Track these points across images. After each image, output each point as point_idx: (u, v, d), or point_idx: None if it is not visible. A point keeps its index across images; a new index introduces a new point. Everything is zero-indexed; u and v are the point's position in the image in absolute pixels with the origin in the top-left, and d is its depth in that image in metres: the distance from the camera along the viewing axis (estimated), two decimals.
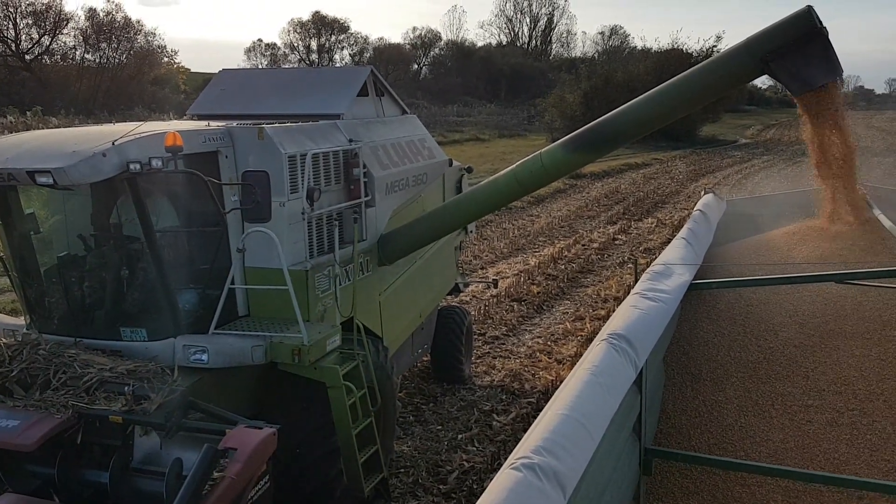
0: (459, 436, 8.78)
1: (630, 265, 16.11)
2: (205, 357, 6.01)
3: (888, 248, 7.66)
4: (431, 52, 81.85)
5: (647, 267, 6.90)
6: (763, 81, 79.72)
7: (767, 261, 8.24)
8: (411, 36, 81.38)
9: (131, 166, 5.56)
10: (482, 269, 16.72)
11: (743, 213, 11.12)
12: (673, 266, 6.58)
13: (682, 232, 8.32)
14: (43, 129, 11.04)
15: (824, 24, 6.46)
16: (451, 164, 9.95)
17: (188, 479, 4.74)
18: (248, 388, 6.48)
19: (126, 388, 5.35)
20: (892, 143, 50.99)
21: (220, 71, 9.09)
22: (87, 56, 51.56)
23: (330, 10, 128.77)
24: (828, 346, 6.72)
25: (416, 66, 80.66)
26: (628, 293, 6.15)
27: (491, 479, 3.21)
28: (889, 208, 9.42)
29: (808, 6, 6.47)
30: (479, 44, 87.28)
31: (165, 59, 55.97)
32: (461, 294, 11.63)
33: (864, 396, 6.09)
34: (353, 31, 77.79)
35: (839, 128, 6.91)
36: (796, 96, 6.95)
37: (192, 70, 59.36)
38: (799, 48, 6.48)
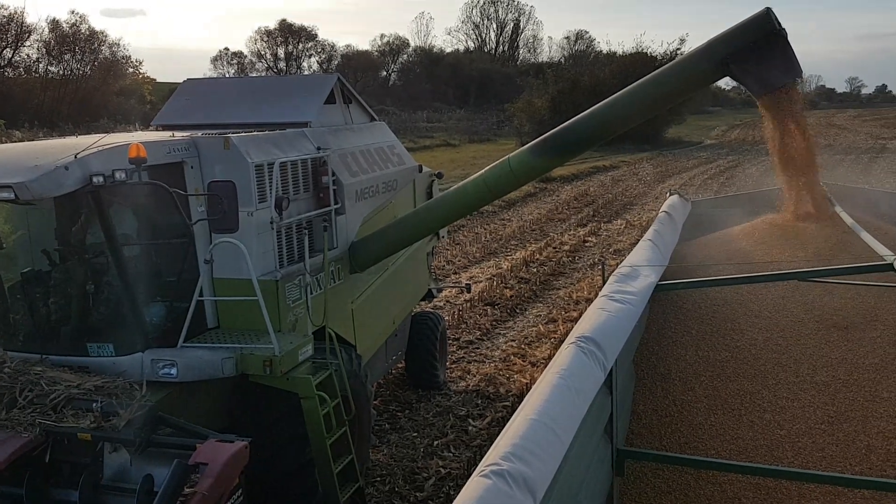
0: (435, 442, 8.77)
1: (601, 267, 16.24)
2: (174, 371, 5.94)
3: (850, 245, 7.81)
4: (400, 59, 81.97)
5: (615, 269, 6.96)
6: (727, 83, 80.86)
7: (732, 260, 8.35)
8: (379, 43, 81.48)
9: (94, 179, 5.49)
10: (455, 273, 16.74)
11: (707, 214, 11.27)
12: (639, 268, 6.64)
13: (648, 233, 8.40)
14: (6, 142, 10.86)
15: (783, 25, 6.58)
16: (421, 170, 9.95)
17: (159, 495, 4.69)
18: (219, 401, 6.42)
19: (94, 404, 5.27)
20: (853, 140, 52.22)
21: (184, 80, 9.01)
22: (50, 68, 50.90)
23: (296, 19, 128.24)
24: (793, 343, 6.83)
25: (385, 73, 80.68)
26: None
27: None
28: (850, 205, 9.61)
29: (767, 8, 6.57)
30: (448, 50, 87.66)
31: (130, 70, 55.41)
32: (434, 299, 11.62)
33: (830, 392, 6.20)
34: (320, 39, 77.70)
35: (799, 127, 7.04)
36: (757, 97, 7.07)
37: (158, 80, 58.80)
38: (759, 50, 6.58)
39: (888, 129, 64.17)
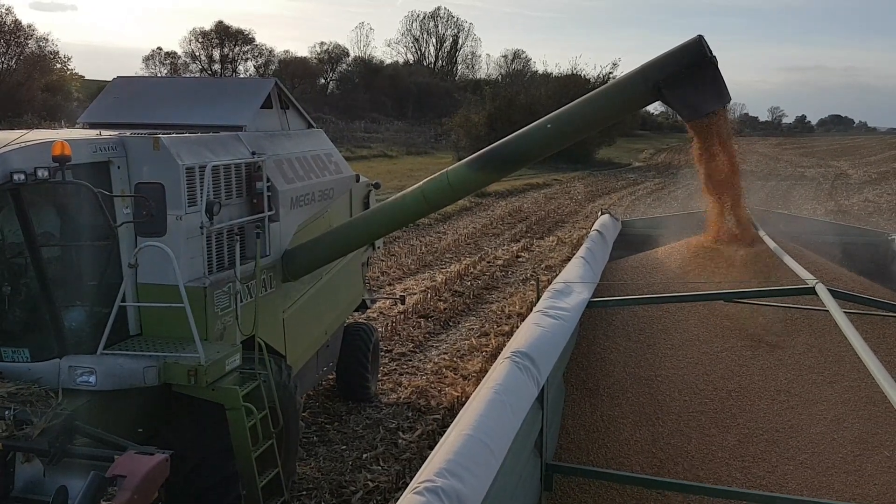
0: (364, 455, 8.66)
1: (532, 282, 16.44)
2: (92, 379, 5.71)
3: (773, 267, 8.08)
4: (338, 68, 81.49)
5: (549, 285, 7.04)
6: (655, 107, 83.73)
7: (660, 279, 8.55)
8: (318, 50, 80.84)
9: (15, 176, 5.27)
10: (389, 285, 16.67)
11: (637, 234, 11.51)
12: (572, 284, 6.74)
13: (581, 251, 8.53)
14: None
15: (714, 53, 6.80)
16: (358, 180, 9.89)
17: None
18: (140, 411, 6.18)
19: (6, 412, 5.04)
20: (774, 167, 54.50)
21: (114, 78, 8.73)
22: None
23: (234, 21, 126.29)
24: (715, 362, 7.02)
25: (323, 81, 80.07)
26: (531, 309, 6.24)
27: (395, 500, 3.17)
28: (773, 229, 9.96)
29: (699, 36, 6.78)
30: (387, 61, 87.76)
31: (58, 66, 53.42)
32: (368, 310, 11.54)
33: (749, 411, 6.39)
34: (257, 43, 76.62)
35: (726, 152, 7.28)
36: (687, 122, 7.28)
37: (87, 77, 56.89)
38: (690, 76, 6.78)
39: (807, 158, 67.37)
